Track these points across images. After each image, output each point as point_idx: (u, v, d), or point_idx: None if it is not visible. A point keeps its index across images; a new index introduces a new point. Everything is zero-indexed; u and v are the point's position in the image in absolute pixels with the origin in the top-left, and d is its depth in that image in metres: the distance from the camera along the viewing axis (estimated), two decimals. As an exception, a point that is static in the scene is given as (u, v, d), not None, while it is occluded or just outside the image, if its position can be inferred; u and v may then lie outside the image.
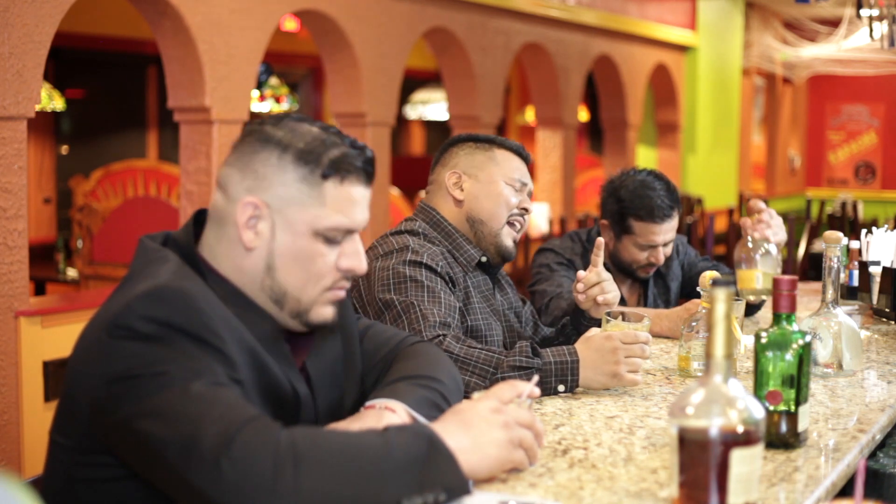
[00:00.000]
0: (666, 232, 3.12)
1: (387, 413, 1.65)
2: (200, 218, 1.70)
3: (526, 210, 2.55)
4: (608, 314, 2.29)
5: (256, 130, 1.61)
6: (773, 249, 2.76)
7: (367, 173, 1.63)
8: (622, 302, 3.26)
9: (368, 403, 1.70)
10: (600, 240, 2.45)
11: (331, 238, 1.60)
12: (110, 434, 1.47)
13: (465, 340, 2.21)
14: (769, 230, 2.94)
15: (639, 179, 3.13)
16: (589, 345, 2.17)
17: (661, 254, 3.14)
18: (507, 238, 2.53)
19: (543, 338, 2.70)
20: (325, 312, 1.64)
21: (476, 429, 1.51)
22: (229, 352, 1.50)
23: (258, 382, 1.56)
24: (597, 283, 2.41)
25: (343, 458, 1.39)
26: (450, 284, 2.39)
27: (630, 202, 3.10)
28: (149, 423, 1.41)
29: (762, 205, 2.84)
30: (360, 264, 1.63)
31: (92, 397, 1.48)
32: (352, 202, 1.60)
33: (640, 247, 3.13)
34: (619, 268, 3.22)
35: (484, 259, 2.54)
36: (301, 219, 1.58)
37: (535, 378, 1.70)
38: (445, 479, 1.43)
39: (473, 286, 2.52)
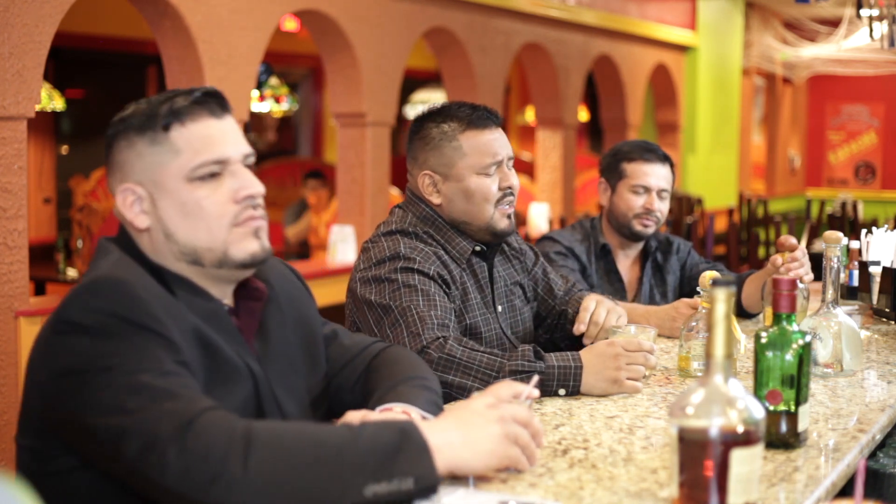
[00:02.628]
0: (658, 176, 3.24)
1: (404, 417, 1.65)
2: None
3: (510, 187, 2.44)
4: (615, 328, 2.33)
5: (106, 133, 1.67)
6: (805, 290, 2.71)
7: (208, 106, 1.63)
8: (622, 291, 3.27)
9: (384, 407, 1.70)
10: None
11: (205, 177, 1.60)
12: (63, 429, 1.49)
13: (466, 343, 2.19)
14: (801, 269, 2.85)
15: (633, 140, 3.39)
16: (592, 350, 2.17)
17: (656, 201, 3.22)
18: (500, 221, 2.45)
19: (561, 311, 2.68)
20: (248, 246, 1.63)
21: (469, 424, 1.51)
22: (172, 336, 1.51)
23: (208, 363, 1.57)
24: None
25: (300, 445, 1.40)
26: (444, 287, 2.35)
27: (624, 149, 3.30)
28: (99, 418, 1.43)
29: (794, 241, 2.76)
30: (256, 187, 1.63)
31: (42, 394, 1.50)
32: (205, 137, 1.61)
33: (634, 190, 3.23)
34: (616, 228, 3.27)
35: (478, 248, 2.49)
36: (168, 176, 1.60)
37: (535, 379, 1.70)
38: (415, 468, 1.42)
39: (470, 279, 2.47)
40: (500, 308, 2.54)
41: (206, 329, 1.58)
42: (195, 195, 1.60)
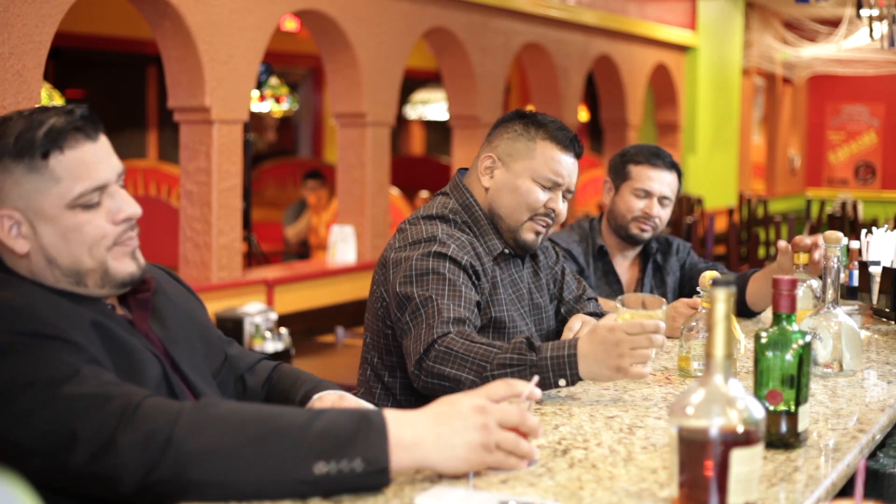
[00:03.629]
0: (662, 182, 3.23)
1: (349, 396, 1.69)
2: None
3: (554, 210, 2.45)
4: (621, 300, 2.17)
5: None
6: (815, 285, 2.65)
7: (83, 131, 1.60)
8: (619, 292, 3.27)
9: (321, 395, 1.79)
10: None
11: (87, 204, 1.60)
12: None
13: (469, 335, 2.17)
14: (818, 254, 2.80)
15: (646, 144, 3.38)
16: (593, 338, 2.08)
17: (656, 207, 3.22)
18: (528, 233, 2.46)
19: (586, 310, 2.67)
20: (126, 266, 1.64)
21: (447, 425, 1.47)
22: (73, 336, 1.52)
23: (113, 354, 1.58)
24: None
25: (250, 419, 1.42)
26: (473, 278, 2.34)
27: (633, 151, 3.30)
28: (27, 433, 1.44)
29: (808, 240, 2.70)
30: (133, 209, 1.64)
31: None
32: (83, 164, 1.59)
33: (636, 193, 3.22)
34: (614, 229, 3.28)
35: (507, 251, 2.49)
36: (49, 204, 1.58)
37: (536, 378, 1.66)
38: (367, 450, 1.41)
39: (502, 275, 2.48)
40: (526, 308, 2.55)
41: (104, 321, 1.60)
42: (76, 220, 1.60)
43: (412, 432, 1.45)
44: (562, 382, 2.09)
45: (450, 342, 2.15)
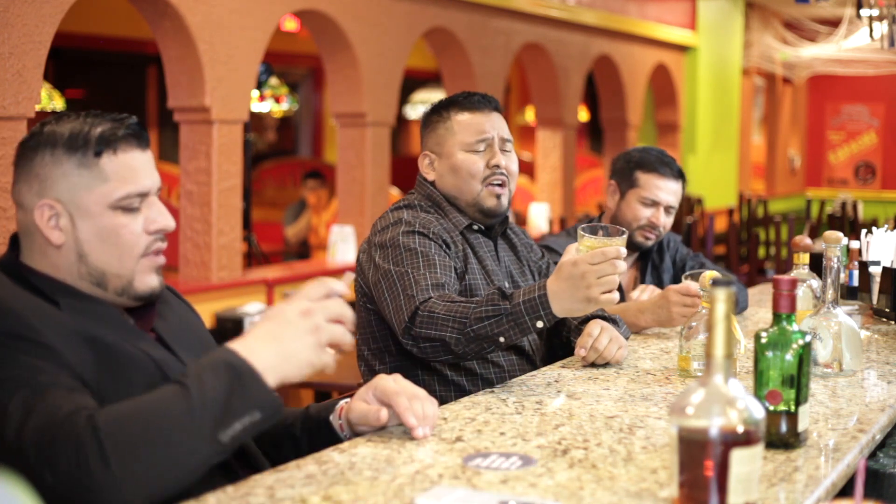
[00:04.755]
0: (669, 191, 3.24)
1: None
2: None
3: (498, 166, 2.52)
4: (583, 229, 2.15)
5: (26, 141, 1.69)
6: (815, 285, 2.66)
7: (136, 138, 1.71)
8: (620, 290, 3.26)
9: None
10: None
11: (128, 207, 1.68)
12: None
13: (449, 298, 2.25)
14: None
15: (651, 148, 3.37)
16: (560, 275, 2.10)
17: (662, 216, 3.23)
18: (488, 199, 2.54)
19: None
20: (150, 281, 1.72)
21: (285, 338, 1.53)
22: (49, 341, 1.55)
23: (100, 361, 1.60)
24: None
25: (145, 425, 1.44)
26: (444, 247, 2.44)
27: (639, 157, 3.29)
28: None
29: (809, 241, 2.69)
30: (167, 221, 1.72)
31: None
32: (132, 169, 1.68)
33: (643, 201, 3.23)
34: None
35: (476, 227, 2.58)
36: (92, 200, 1.66)
37: (348, 276, 1.71)
38: (256, 399, 1.48)
39: (474, 248, 2.55)
40: (507, 284, 2.58)
41: (93, 329, 1.62)
42: (115, 222, 1.67)
43: (265, 361, 1.51)
44: (539, 324, 2.14)
45: (432, 306, 2.23)
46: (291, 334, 1.53)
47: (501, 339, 2.16)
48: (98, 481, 1.40)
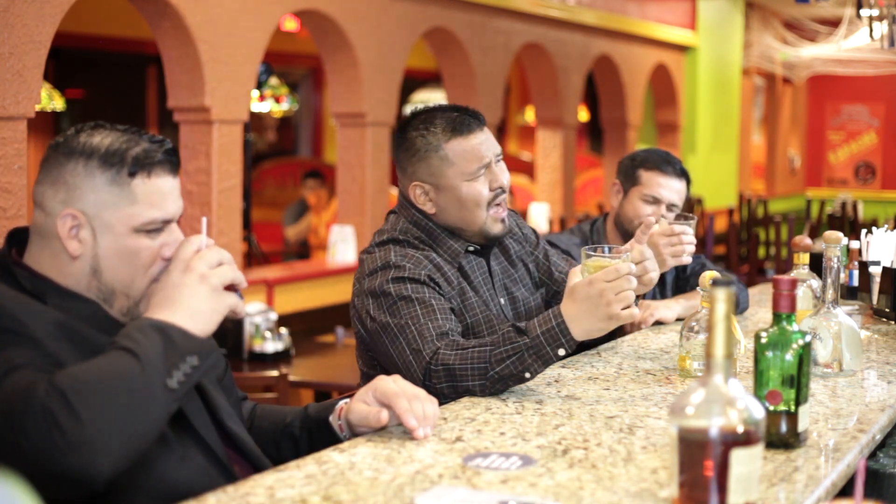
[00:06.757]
0: (672, 189, 3.24)
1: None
2: (22, 235, 1.75)
3: (500, 186, 2.43)
4: (587, 250, 2.15)
5: (59, 144, 1.69)
6: (815, 285, 2.66)
7: (171, 164, 1.71)
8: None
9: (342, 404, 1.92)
10: (650, 219, 2.47)
11: (150, 231, 1.68)
12: None
13: (459, 345, 2.18)
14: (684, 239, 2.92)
15: (658, 149, 3.39)
16: (575, 297, 2.08)
17: (664, 214, 3.22)
18: (494, 226, 2.45)
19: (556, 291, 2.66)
20: None
21: (182, 299, 1.57)
22: (33, 333, 1.56)
23: (78, 353, 1.60)
24: (640, 261, 2.34)
25: (105, 381, 1.47)
26: (438, 289, 2.34)
27: (644, 156, 3.30)
28: None
29: (808, 241, 2.70)
30: None
31: None
32: (162, 194, 1.69)
33: (645, 199, 3.23)
34: (622, 233, 3.28)
35: (471, 248, 2.48)
36: (118, 219, 1.66)
37: (204, 221, 1.71)
38: (188, 347, 1.54)
39: (469, 278, 2.46)
40: (502, 301, 2.54)
41: (72, 323, 1.63)
42: (136, 244, 1.67)
43: (182, 319, 1.55)
44: (561, 352, 2.11)
45: (443, 358, 2.16)
46: (184, 292, 1.57)
47: (527, 375, 2.11)
48: (71, 437, 1.41)
